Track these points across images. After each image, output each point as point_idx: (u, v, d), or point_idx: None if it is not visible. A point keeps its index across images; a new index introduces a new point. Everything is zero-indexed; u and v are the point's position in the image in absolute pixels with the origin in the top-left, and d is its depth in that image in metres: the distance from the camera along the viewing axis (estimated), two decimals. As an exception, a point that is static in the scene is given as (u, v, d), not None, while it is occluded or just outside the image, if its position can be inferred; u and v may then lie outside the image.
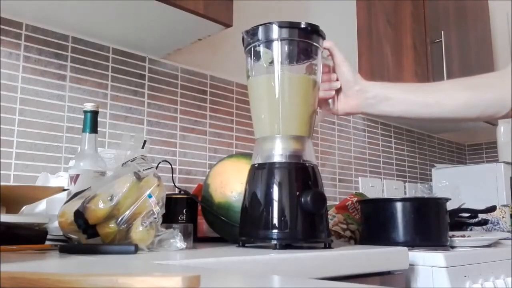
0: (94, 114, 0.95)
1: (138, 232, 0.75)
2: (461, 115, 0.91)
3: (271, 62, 0.90)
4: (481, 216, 1.47)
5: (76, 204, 0.76)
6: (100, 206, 0.74)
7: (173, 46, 1.33)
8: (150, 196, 0.78)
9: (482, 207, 1.46)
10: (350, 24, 2.08)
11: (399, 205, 1.11)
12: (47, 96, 1.17)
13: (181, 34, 1.24)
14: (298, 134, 0.90)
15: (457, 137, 2.67)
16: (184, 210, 1.01)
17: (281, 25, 0.89)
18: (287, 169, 0.87)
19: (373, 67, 2.01)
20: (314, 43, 0.92)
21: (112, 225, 0.76)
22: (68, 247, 0.72)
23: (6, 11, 1.11)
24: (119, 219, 0.76)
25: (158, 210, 0.78)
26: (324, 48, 0.94)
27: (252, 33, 0.91)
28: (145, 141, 0.87)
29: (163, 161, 1.26)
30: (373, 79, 1.02)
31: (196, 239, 1.01)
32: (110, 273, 0.30)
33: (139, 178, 0.79)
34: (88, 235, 0.76)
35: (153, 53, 1.38)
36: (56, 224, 0.81)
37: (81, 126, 0.95)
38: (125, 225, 0.76)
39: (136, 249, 0.70)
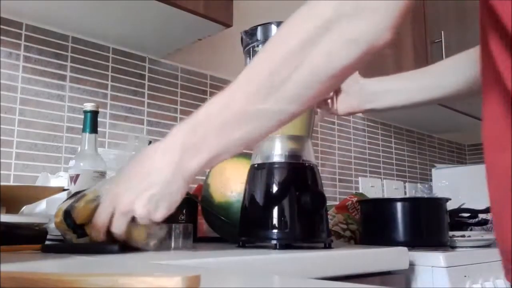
0: (94, 114, 0.95)
1: (127, 232, 0.74)
2: (463, 91, 0.89)
3: (271, 62, 0.90)
4: (481, 216, 1.48)
5: (68, 203, 0.76)
6: (84, 205, 0.72)
7: (173, 46, 1.34)
8: None
9: (482, 207, 1.46)
10: (350, 24, 2.08)
11: (399, 205, 1.11)
12: (47, 96, 1.17)
13: (181, 34, 1.24)
14: (298, 134, 0.90)
15: (457, 137, 2.67)
16: (184, 210, 1.01)
17: (280, 25, 0.89)
18: (286, 169, 0.87)
19: (372, 67, 2.00)
20: (314, 43, 0.92)
21: None
22: (50, 247, 0.71)
23: (6, 11, 1.11)
24: None
25: None
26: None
27: (250, 33, 0.91)
28: (150, 142, 0.87)
29: (163, 161, 1.25)
30: (373, 79, 1.02)
31: (196, 239, 1.01)
32: (110, 273, 0.30)
33: None
34: (78, 235, 0.74)
35: (153, 53, 1.38)
36: (56, 224, 0.81)
37: (81, 126, 0.95)
38: None
39: (120, 249, 0.70)
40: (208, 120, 0.59)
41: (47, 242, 0.77)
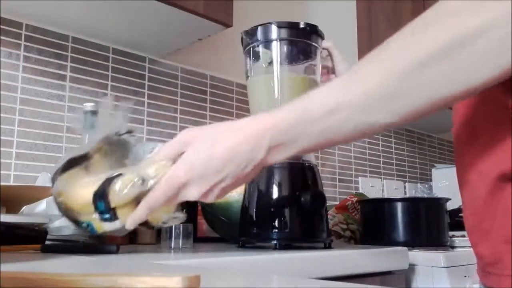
0: (94, 114, 0.95)
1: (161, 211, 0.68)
2: None
3: (270, 63, 0.90)
4: (481, 216, 1.47)
5: (87, 183, 0.64)
6: (124, 188, 0.63)
7: (173, 46, 1.33)
8: None
9: (482, 207, 1.45)
10: (350, 24, 2.08)
11: (399, 205, 1.12)
12: (47, 96, 1.17)
13: (181, 34, 1.24)
14: (298, 134, 0.90)
15: (457, 137, 2.67)
16: (184, 210, 1.01)
17: (280, 25, 0.89)
18: (286, 169, 0.87)
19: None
20: (313, 43, 0.92)
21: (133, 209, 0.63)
22: (50, 247, 0.71)
23: (6, 11, 1.11)
24: None
25: None
26: (323, 48, 0.94)
27: (251, 33, 0.91)
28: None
29: (163, 161, 1.25)
30: (373, 79, 1.02)
31: (196, 239, 1.01)
32: (110, 273, 0.30)
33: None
34: (105, 219, 0.67)
35: (153, 53, 1.38)
36: (56, 224, 0.80)
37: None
38: None
39: (118, 249, 0.70)
40: (306, 123, 0.50)
41: (47, 242, 0.77)
